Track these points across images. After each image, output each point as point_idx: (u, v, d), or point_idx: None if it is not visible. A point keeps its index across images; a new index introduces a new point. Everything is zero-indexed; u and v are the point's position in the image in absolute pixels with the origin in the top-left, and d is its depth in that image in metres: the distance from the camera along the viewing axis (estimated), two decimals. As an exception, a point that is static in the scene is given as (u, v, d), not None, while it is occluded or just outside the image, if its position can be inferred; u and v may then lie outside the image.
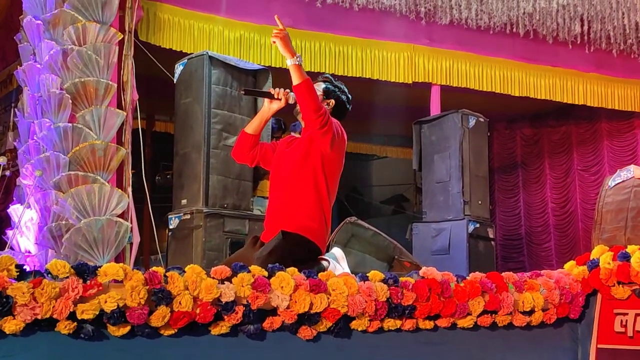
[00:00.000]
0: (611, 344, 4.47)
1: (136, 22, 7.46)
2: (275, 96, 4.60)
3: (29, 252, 6.54)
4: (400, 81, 9.69)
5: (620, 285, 4.46)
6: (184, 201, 7.06)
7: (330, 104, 4.65)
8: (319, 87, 4.69)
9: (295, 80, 4.35)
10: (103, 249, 6.35)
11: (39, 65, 6.78)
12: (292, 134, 7.45)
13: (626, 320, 4.44)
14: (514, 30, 10.03)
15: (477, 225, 9.05)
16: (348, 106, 4.79)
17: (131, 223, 6.73)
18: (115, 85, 6.81)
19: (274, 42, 4.40)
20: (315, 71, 9.02)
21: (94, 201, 6.39)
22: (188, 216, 6.94)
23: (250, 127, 4.77)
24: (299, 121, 4.78)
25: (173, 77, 7.43)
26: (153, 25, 8.07)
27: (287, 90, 4.59)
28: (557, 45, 10.38)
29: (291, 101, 4.59)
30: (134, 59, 7.23)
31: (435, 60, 9.93)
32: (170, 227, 7.09)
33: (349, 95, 4.80)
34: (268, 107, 4.69)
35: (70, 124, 6.49)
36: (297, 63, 4.35)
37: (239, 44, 8.58)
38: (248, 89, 4.60)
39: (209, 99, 7.03)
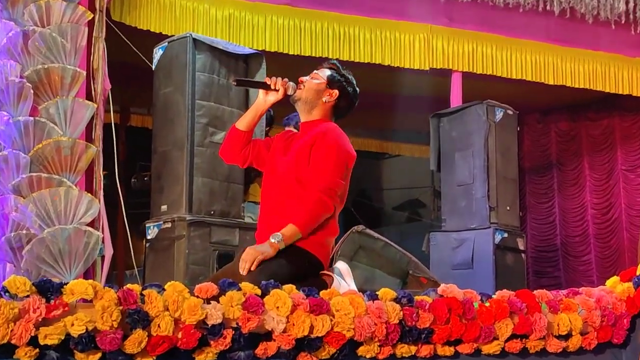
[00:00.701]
0: (660, 372, 4.47)
1: (108, -1, 7.48)
2: (272, 86, 4.60)
3: (-16, 267, 6.54)
4: (416, 67, 9.71)
5: (671, 305, 4.46)
6: (163, 207, 7.06)
7: (334, 94, 4.65)
8: (323, 73, 4.70)
9: (299, 236, 4.41)
10: (70, 263, 6.35)
11: (-5, 50, 6.79)
12: (287, 128, 7.44)
13: (677, 346, 4.44)
14: (548, 8, 10.04)
15: (505, 234, 9.06)
16: (354, 100, 4.80)
17: (102, 233, 6.73)
18: (84, 72, 6.80)
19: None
20: (317, 56, 9.04)
21: (60, 207, 6.38)
22: (169, 225, 6.95)
23: (242, 122, 4.77)
24: (296, 112, 4.79)
25: (151, 63, 7.43)
26: (128, 3, 8.11)
27: (286, 79, 4.60)
28: (597, 26, 10.38)
29: (290, 92, 4.60)
30: (105, 42, 7.24)
31: (456, 43, 9.94)
32: (148, 237, 7.10)
33: (357, 88, 4.81)
34: (263, 100, 4.69)
35: (31, 118, 6.48)
36: (281, 243, 4.34)
37: (228, 24, 8.61)
38: (240, 78, 4.60)
39: (193, 89, 7.04)
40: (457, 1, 9.78)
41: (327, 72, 4.73)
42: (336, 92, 4.66)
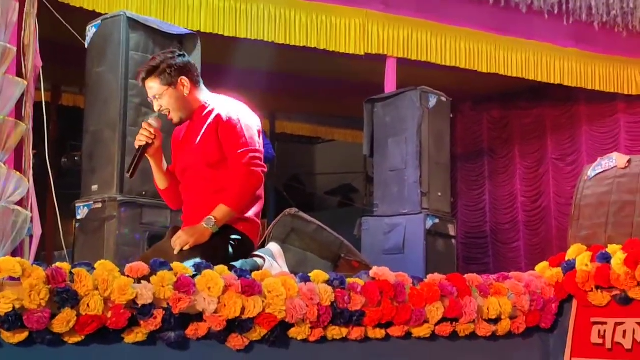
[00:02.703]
0: (587, 357, 4.53)
1: (40, -26, 7.36)
2: (149, 141, 4.51)
3: None
4: (351, 52, 9.71)
5: (599, 291, 4.53)
6: (94, 187, 6.98)
7: (183, 82, 4.49)
8: (156, 83, 4.46)
9: (232, 215, 4.39)
10: (-3, 242, 6.27)
11: None
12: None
13: (604, 331, 4.51)
14: (483, -4, 10.11)
15: (437, 220, 9.13)
16: (187, 59, 4.67)
17: (31, 212, 6.65)
18: (15, 49, 6.69)
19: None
20: (252, 38, 9.01)
21: (-12, 186, 6.29)
22: (99, 205, 6.87)
23: (158, 182, 4.73)
24: None
25: (84, 41, 7.34)
26: (61, -21, 7.97)
27: (148, 122, 4.49)
28: (531, 15, 10.48)
29: (157, 125, 4.50)
30: (37, 18, 7.12)
31: (392, 29, 9.96)
32: (78, 217, 7.01)
33: (176, 51, 4.71)
34: (152, 155, 4.58)
35: (-41, 94, 6.38)
36: (214, 227, 4.31)
37: (163, 3, 8.51)
38: (131, 167, 4.54)
39: (127, 68, 6.97)
40: (393, -13, 9.81)
41: (157, 79, 4.55)
42: (181, 79, 4.49)
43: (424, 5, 10.07)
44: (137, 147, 4.51)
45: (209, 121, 4.49)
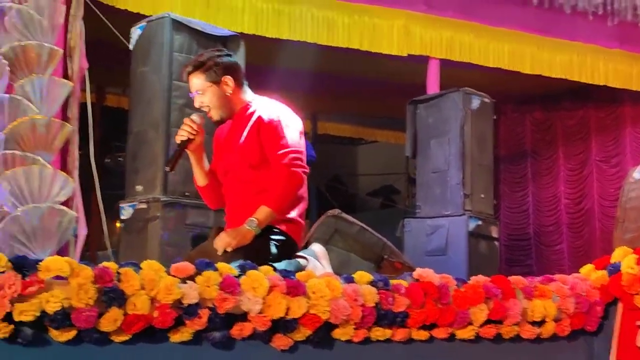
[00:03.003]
0: (632, 361, 4.50)
1: (86, -23, 7.43)
2: (190, 137, 4.53)
3: (-44, 244, 6.50)
4: (393, 53, 9.71)
5: (645, 294, 4.49)
6: (138, 188, 7.04)
7: (227, 81, 4.52)
8: (200, 79, 4.50)
9: (274, 216, 4.40)
10: (43, 242, 6.31)
11: (-30, 26, 6.73)
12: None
13: (650, 334, 4.47)
14: (527, -3, 10.07)
15: (479, 222, 9.11)
16: (233, 59, 4.69)
17: (77, 212, 6.69)
18: (61, 50, 6.74)
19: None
20: (295, 40, 9.03)
21: (34, 186, 6.33)
22: (144, 205, 6.92)
23: (198, 179, 4.76)
24: None
25: (129, 43, 7.39)
26: (106, -18, 8.05)
27: (190, 118, 4.52)
28: (575, 16, 10.42)
29: (199, 121, 4.52)
30: (83, 20, 7.19)
31: (434, 30, 9.95)
32: (123, 217, 7.07)
33: (222, 50, 4.72)
34: (193, 150, 4.59)
35: (7, 95, 6.42)
36: (256, 229, 4.33)
37: (207, 5, 8.58)
38: (170, 162, 4.55)
39: (170, 69, 7.02)
40: (436, -12, 9.80)
41: (202, 75, 4.54)
42: (226, 78, 4.52)
43: (467, 7, 10.04)
44: (178, 142, 4.54)
45: (251, 122, 4.51)
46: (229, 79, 4.51)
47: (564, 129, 13.42)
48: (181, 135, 4.50)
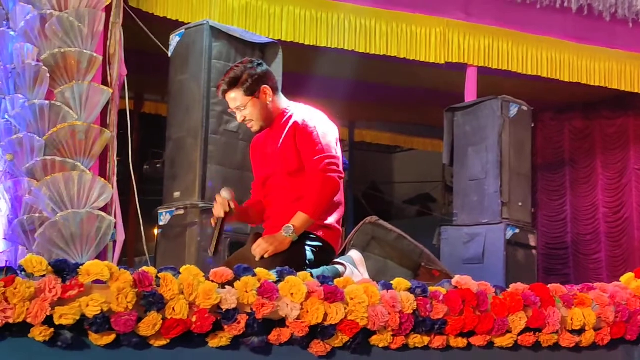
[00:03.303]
0: (673, 370, 4.46)
1: (126, -16, 7.48)
2: (224, 215, 4.51)
3: (-4, 249, 6.56)
4: (431, 61, 9.67)
5: (686, 303, 4.45)
6: (176, 194, 7.07)
7: (266, 91, 4.51)
8: (240, 94, 4.49)
9: (311, 222, 4.42)
10: (82, 247, 6.37)
11: (12, 33, 6.79)
12: None
13: (691, 344, 4.43)
14: (565, 4, 9.98)
15: (517, 230, 9.05)
16: (268, 70, 4.68)
17: (115, 218, 6.74)
18: (101, 58, 6.82)
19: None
20: (332, 47, 9.04)
21: (73, 191, 6.40)
22: (181, 211, 6.95)
23: (255, 221, 4.87)
24: None
25: (167, 50, 7.44)
26: (146, -11, 8.10)
27: (220, 196, 4.53)
28: (615, 24, 10.33)
29: (229, 197, 4.53)
30: (122, 28, 7.24)
31: (472, 38, 9.91)
32: (161, 223, 7.10)
33: (258, 61, 4.72)
34: (232, 220, 4.67)
35: (47, 102, 6.50)
36: (293, 235, 4.34)
37: (245, 13, 8.59)
38: (213, 246, 4.58)
39: (209, 76, 7.05)
40: (475, -5, 9.77)
41: (240, 90, 4.53)
42: (263, 87, 4.51)
43: (505, 14, 9.99)
44: (214, 223, 4.55)
45: (287, 128, 4.52)
46: (267, 89, 4.51)
47: (602, 137, 13.32)
48: (217, 213, 4.50)
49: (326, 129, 4.53)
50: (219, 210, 4.47)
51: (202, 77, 7.03)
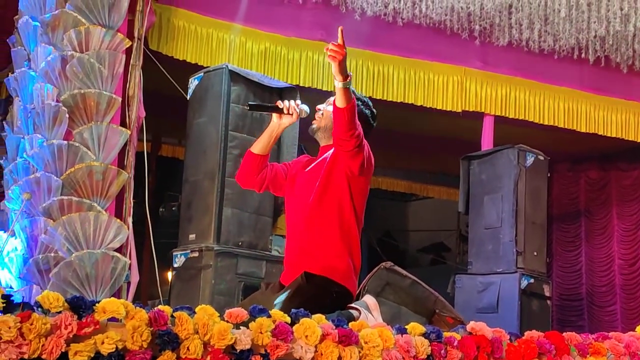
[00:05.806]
0: (687, 422, 4.43)
1: (147, 28, 7.55)
2: (285, 111, 4.63)
3: (11, 287, 6.57)
4: (448, 109, 9.72)
5: (702, 355, 4.43)
6: (192, 236, 7.09)
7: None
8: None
9: (342, 102, 4.32)
10: (96, 287, 6.38)
11: (33, 73, 6.86)
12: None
13: None
14: (583, 55, 10.03)
15: (532, 280, 9.02)
16: (373, 122, 4.81)
17: (130, 259, 6.75)
18: (120, 99, 6.87)
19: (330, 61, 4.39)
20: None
21: (89, 231, 6.42)
22: (196, 254, 6.96)
23: (257, 146, 4.79)
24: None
25: (186, 93, 7.49)
26: (166, 33, 8.17)
27: (298, 101, 4.64)
28: (632, 76, 10.37)
29: (303, 115, 4.64)
30: (142, 70, 7.31)
31: (490, 87, 9.95)
32: (175, 265, 7.11)
33: (374, 110, 4.81)
34: (277, 123, 4.71)
35: (65, 142, 6.54)
36: (348, 87, 4.34)
37: (264, 57, 8.66)
38: (253, 103, 4.67)
39: (227, 120, 7.10)
40: (492, 45, 9.78)
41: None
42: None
43: (523, 64, 10.04)
44: (276, 104, 4.69)
45: (328, 157, 4.65)
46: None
47: (618, 188, 13.29)
48: (281, 102, 4.66)
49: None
50: (285, 104, 4.65)
51: (220, 120, 7.07)
